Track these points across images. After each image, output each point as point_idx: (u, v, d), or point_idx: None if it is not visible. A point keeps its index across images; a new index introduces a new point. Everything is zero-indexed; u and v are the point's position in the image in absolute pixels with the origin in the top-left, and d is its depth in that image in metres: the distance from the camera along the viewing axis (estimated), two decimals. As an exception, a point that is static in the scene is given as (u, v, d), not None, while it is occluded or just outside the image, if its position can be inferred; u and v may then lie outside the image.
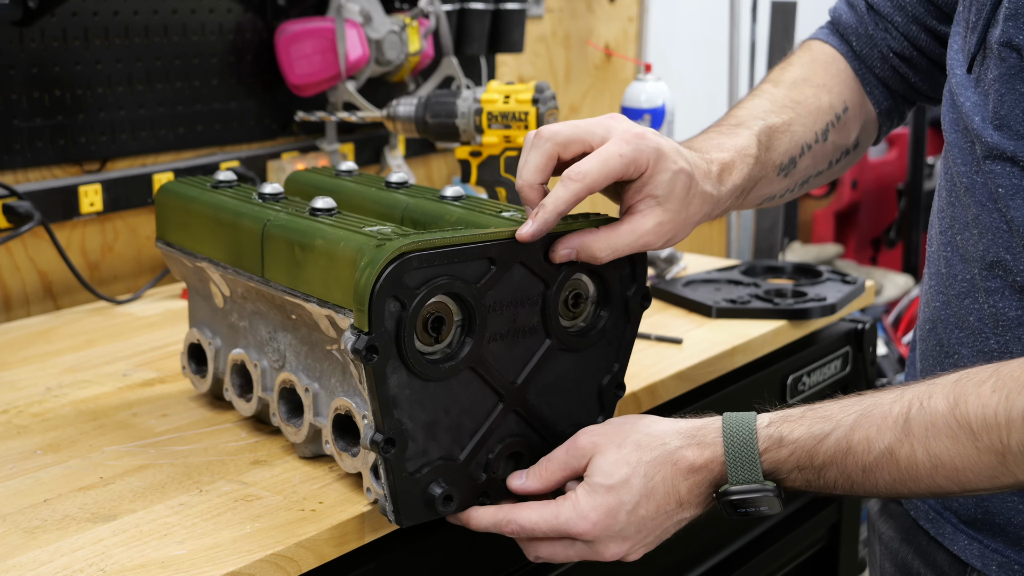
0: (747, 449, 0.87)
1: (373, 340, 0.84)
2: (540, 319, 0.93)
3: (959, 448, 0.81)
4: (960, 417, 0.81)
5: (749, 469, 0.87)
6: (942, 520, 1.03)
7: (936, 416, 0.82)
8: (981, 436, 0.80)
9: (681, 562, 1.32)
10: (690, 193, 0.94)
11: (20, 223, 1.47)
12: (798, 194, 1.15)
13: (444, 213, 1.01)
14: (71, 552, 0.85)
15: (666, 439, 0.89)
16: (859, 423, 0.85)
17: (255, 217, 1.00)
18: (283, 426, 1.02)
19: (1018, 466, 0.80)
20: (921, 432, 0.83)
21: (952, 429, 0.81)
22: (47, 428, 1.10)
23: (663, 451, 0.89)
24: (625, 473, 0.88)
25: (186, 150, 1.69)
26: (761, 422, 0.88)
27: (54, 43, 1.51)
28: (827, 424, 0.86)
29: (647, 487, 0.88)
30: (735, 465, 0.87)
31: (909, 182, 3.24)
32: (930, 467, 0.83)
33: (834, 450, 0.85)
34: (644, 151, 0.91)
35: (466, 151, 1.47)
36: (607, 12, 2.43)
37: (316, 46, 1.69)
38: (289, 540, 0.87)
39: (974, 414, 0.81)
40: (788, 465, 0.87)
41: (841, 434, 0.85)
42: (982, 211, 0.94)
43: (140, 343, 1.37)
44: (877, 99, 1.15)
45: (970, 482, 0.83)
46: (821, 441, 0.86)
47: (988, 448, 0.80)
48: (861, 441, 0.85)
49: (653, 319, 1.44)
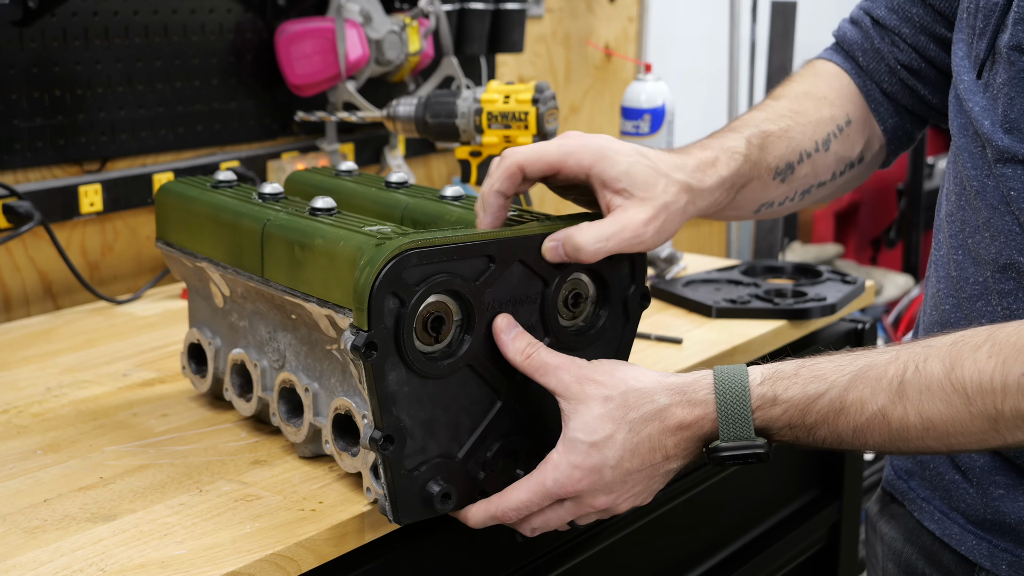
0: (740, 407, 0.87)
1: (372, 336, 0.84)
2: (539, 318, 0.93)
3: (952, 412, 0.81)
4: (956, 381, 0.81)
5: (741, 427, 0.87)
6: (948, 521, 1.02)
7: (931, 379, 0.82)
8: (975, 401, 0.80)
9: (681, 562, 1.32)
10: (659, 181, 0.93)
11: (20, 223, 1.47)
12: (801, 205, 1.15)
13: (444, 213, 1.01)
14: (71, 552, 0.85)
15: (655, 396, 0.88)
16: (853, 384, 0.85)
17: (255, 217, 1.00)
18: (283, 426, 1.02)
19: (1008, 430, 0.81)
20: (915, 395, 0.83)
21: (947, 393, 0.81)
22: (47, 428, 1.10)
23: (651, 408, 0.88)
24: (609, 430, 0.87)
25: (186, 150, 1.69)
26: (754, 379, 0.87)
27: (54, 43, 1.51)
28: (821, 384, 0.86)
29: (632, 442, 0.88)
30: (727, 423, 0.87)
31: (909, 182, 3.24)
32: (921, 429, 0.83)
33: (827, 410, 0.85)
34: (586, 146, 0.93)
35: (466, 151, 1.47)
36: (607, 12, 2.43)
37: (316, 46, 1.69)
38: (289, 540, 0.87)
39: (969, 379, 0.81)
40: (779, 423, 0.87)
41: (835, 395, 0.85)
42: (994, 214, 0.94)
43: (140, 343, 1.37)
44: (883, 116, 1.14)
45: (959, 444, 0.83)
46: (815, 401, 0.85)
47: (981, 413, 0.81)
48: (855, 402, 0.84)
49: (653, 319, 1.45)
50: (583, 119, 2.40)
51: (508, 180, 0.92)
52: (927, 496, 1.05)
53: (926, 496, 1.05)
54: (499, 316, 0.91)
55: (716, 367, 0.89)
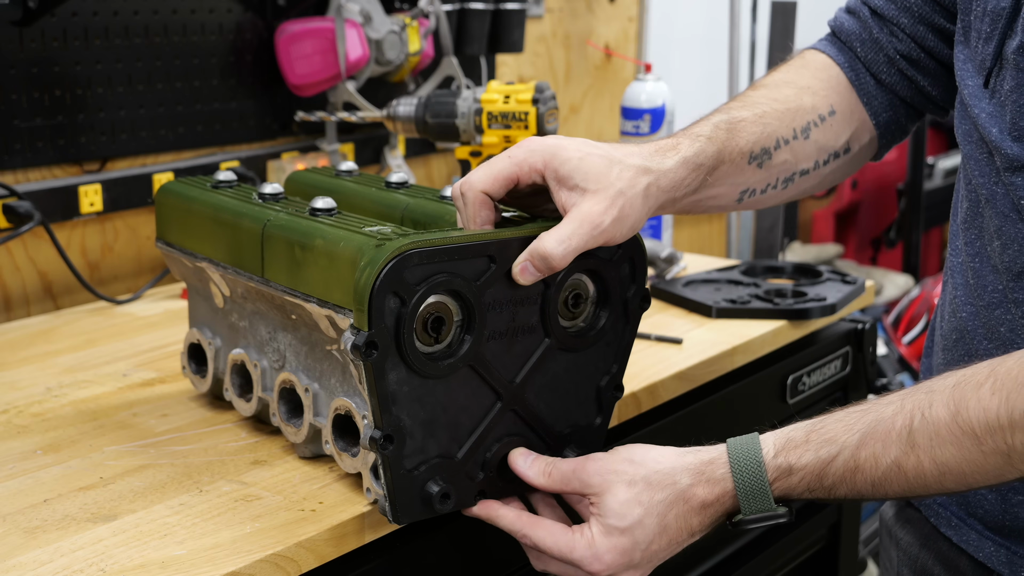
0: (758, 482, 0.89)
1: (372, 337, 0.84)
2: (539, 318, 0.93)
3: (965, 454, 0.82)
4: (963, 424, 0.82)
5: (761, 500, 0.89)
6: (965, 527, 1.02)
7: (939, 425, 0.83)
8: (985, 440, 0.81)
9: (681, 562, 1.32)
10: (611, 169, 0.92)
11: (20, 223, 1.47)
12: (787, 195, 1.14)
13: (444, 213, 1.01)
14: (71, 552, 0.85)
15: (676, 476, 0.90)
16: (864, 442, 0.86)
17: (255, 217, 1.00)
18: (283, 426, 1.02)
19: (1023, 462, 0.81)
20: (926, 443, 0.83)
21: (956, 436, 0.82)
22: (47, 428, 1.10)
23: (674, 490, 0.90)
24: (639, 514, 0.89)
25: (186, 150, 1.69)
26: (767, 453, 0.89)
27: (54, 43, 1.51)
28: (833, 447, 0.87)
29: (660, 525, 0.90)
30: (747, 498, 0.89)
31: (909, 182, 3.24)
32: (938, 475, 0.84)
33: (843, 471, 0.87)
34: (535, 150, 0.92)
35: (466, 151, 1.47)
36: (607, 12, 2.43)
37: (316, 46, 1.69)
38: (289, 540, 0.87)
39: (976, 419, 0.81)
40: (799, 490, 0.89)
41: (848, 455, 0.86)
42: (1005, 222, 0.93)
43: (140, 343, 1.37)
44: (876, 109, 1.13)
45: (977, 483, 0.84)
46: (829, 464, 0.87)
47: (993, 451, 0.81)
48: (868, 459, 0.86)
49: (653, 319, 1.44)
50: (583, 119, 2.40)
51: (484, 211, 0.92)
52: (944, 502, 1.05)
53: (943, 502, 1.05)
54: (513, 452, 0.94)
55: (729, 441, 0.91)
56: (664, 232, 1.77)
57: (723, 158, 1.02)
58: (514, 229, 0.91)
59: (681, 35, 2.62)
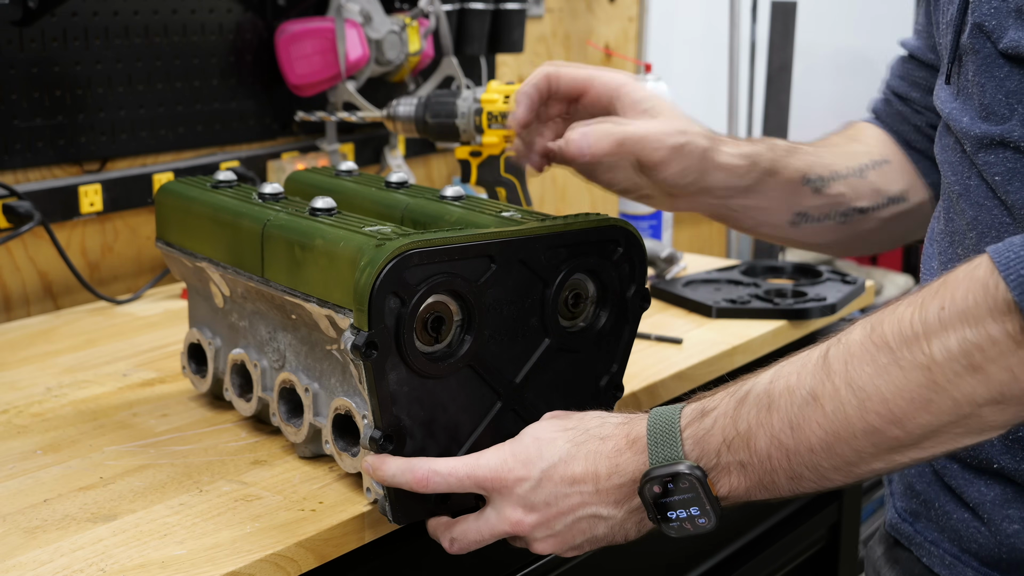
0: (669, 425, 0.82)
1: (372, 337, 0.84)
2: (539, 318, 0.93)
3: (882, 372, 0.74)
4: (877, 339, 0.75)
5: (670, 446, 0.81)
6: (960, 564, 0.93)
7: (853, 345, 0.76)
8: (901, 352, 0.74)
9: (681, 562, 1.32)
10: (683, 116, 0.95)
11: (20, 223, 1.47)
12: (846, 232, 1.12)
13: (444, 213, 1.01)
14: (71, 552, 0.85)
15: (606, 418, 0.87)
16: (778, 373, 0.79)
17: (255, 217, 1.01)
18: (283, 426, 1.02)
19: (949, 381, 0.72)
20: (841, 366, 0.76)
21: (871, 353, 0.75)
22: (47, 428, 1.10)
23: (599, 427, 0.86)
24: (556, 435, 0.86)
25: (186, 150, 1.69)
26: (688, 406, 0.83)
27: (54, 43, 1.51)
28: (746, 384, 0.80)
29: (570, 452, 0.84)
30: (656, 443, 0.81)
31: (909, 182, 3.23)
32: (858, 404, 0.75)
33: (756, 408, 0.79)
34: (612, 73, 0.98)
35: (466, 151, 1.47)
36: (607, 12, 2.43)
37: (316, 46, 1.69)
38: (289, 540, 0.87)
39: (890, 331, 0.74)
40: (713, 440, 0.80)
41: (760, 389, 0.79)
42: (980, 211, 0.90)
43: (140, 343, 1.37)
44: (923, 170, 1.13)
45: (907, 415, 0.74)
46: (742, 401, 0.79)
47: (912, 364, 0.73)
48: (783, 392, 0.78)
49: (653, 319, 1.45)
50: (583, 119, 2.40)
51: (542, 81, 0.96)
52: (935, 539, 0.96)
53: (934, 539, 0.96)
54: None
55: None
56: (664, 232, 1.77)
57: (778, 168, 1.03)
58: (515, 229, 0.91)
59: (681, 35, 2.62)
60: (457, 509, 0.91)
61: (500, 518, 0.86)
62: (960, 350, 0.72)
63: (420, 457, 0.88)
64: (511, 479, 0.85)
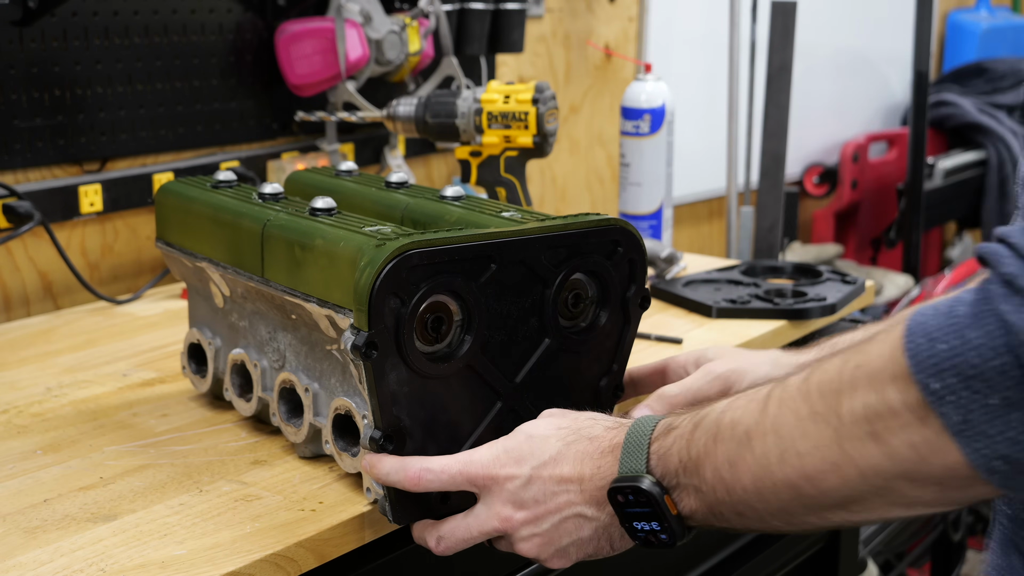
0: (640, 437, 0.80)
1: (372, 337, 0.84)
2: (539, 319, 0.93)
3: (801, 424, 0.71)
4: (805, 387, 0.71)
5: (636, 459, 0.79)
6: None
7: (790, 387, 0.73)
8: (817, 403, 0.70)
9: (681, 562, 1.32)
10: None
11: (20, 223, 1.47)
12: None
13: (444, 213, 1.01)
14: (71, 552, 0.85)
15: (599, 419, 0.86)
16: (732, 403, 0.76)
17: (255, 217, 1.00)
18: (283, 426, 1.02)
19: (853, 446, 0.68)
20: (775, 409, 0.73)
21: (797, 401, 0.71)
22: (47, 428, 1.10)
23: (589, 424, 0.85)
24: (549, 432, 0.85)
25: (186, 150, 1.69)
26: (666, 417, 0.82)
27: (54, 43, 1.51)
28: (707, 407, 0.78)
29: (560, 451, 0.83)
30: (626, 452, 0.80)
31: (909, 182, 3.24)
32: (779, 454, 0.72)
33: (706, 436, 0.76)
34: None
35: (466, 151, 1.47)
36: (607, 12, 2.43)
37: (316, 46, 1.69)
38: (289, 540, 0.87)
39: (817, 379, 0.71)
40: (672, 460, 0.78)
41: (714, 416, 0.77)
42: None
43: (140, 343, 1.37)
44: None
45: (819, 474, 0.70)
46: (697, 426, 0.77)
47: (823, 415, 0.70)
48: (728, 425, 0.75)
49: (653, 319, 1.44)
50: (583, 119, 2.40)
51: None
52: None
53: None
54: None
55: None
56: (664, 232, 1.76)
57: None
58: (515, 230, 0.91)
59: (681, 35, 2.62)
60: (457, 510, 0.91)
61: (489, 514, 0.85)
62: (863, 414, 0.68)
63: (415, 456, 0.88)
64: (502, 475, 0.84)
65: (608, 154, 2.45)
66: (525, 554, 0.86)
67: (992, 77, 3.52)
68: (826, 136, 3.26)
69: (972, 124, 3.43)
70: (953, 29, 3.71)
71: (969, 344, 0.64)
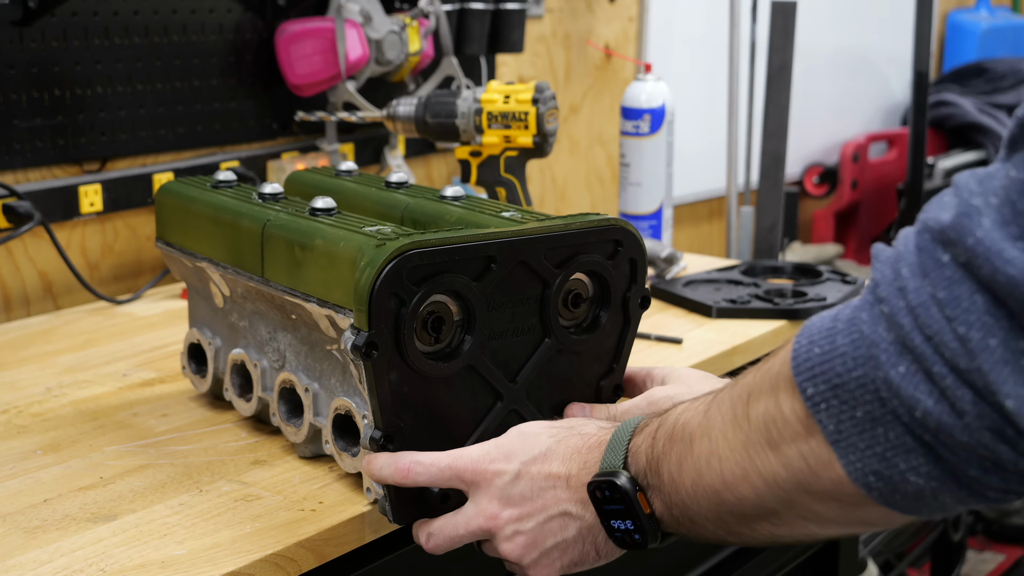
0: (623, 433, 0.79)
1: (372, 337, 0.84)
2: (539, 318, 0.93)
3: (723, 426, 0.70)
4: (735, 388, 0.70)
5: (616, 454, 0.78)
6: None
7: (724, 390, 0.72)
8: (737, 406, 0.69)
9: (681, 562, 1.32)
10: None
11: (20, 223, 1.47)
12: None
13: (444, 213, 1.01)
14: (71, 552, 0.85)
15: (594, 419, 0.86)
16: (690, 405, 0.75)
17: (255, 217, 1.01)
18: (283, 426, 1.02)
19: (756, 452, 0.67)
20: (714, 412, 0.71)
21: (723, 403, 0.70)
22: (47, 428, 1.10)
23: (582, 421, 0.85)
24: (540, 431, 0.84)
25: (186, 150, 1.69)
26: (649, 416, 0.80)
27: (54, 43, 1.51)
28: (675, 407, 0.77)
29: (550, 448, 0.82)
30: (610, 448, 0.79)
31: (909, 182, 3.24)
32: (706, 456, 0.71)
33: (665, 436, 0.75)
34: None
35: (466, 151, 1.47)
36: (607, 12, 2.43)
37: (316, 46, 1.69)
38: (289, 540, 0.87)
39: (742, 382, 0.70)
40: (641, 458, 0.77)
41: (674, 416, 0.76)
42: None
43: (140, 343, 1.37)
44: None
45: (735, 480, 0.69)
46: (661, 424, 0.76)
47: (737, 422, 0.68)
48: (682, 425, 0.74)
49: (653, 319, 1.44)
50: (583, 119, 2.40)
51: None
52: None
53: None
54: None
55: None
56: (664, 232, 1.76)
57: None
58: (515, 230, 0.91)
59: (681, 35, 2.62)
60: (459, 506, 0.91)
61: (477, 511, 0.85)
62: (763, 421, 0.67)
63: (407, 451, 0.87)
64: (491, 471, 0.84)
65: (608, 154, 2.46)
66: (507, 556, 0.85)
67: (992, 77, 3.52)
68: (826, 136, 3.26)
69: (972, 124, 3.43)
70: (953, 29, 3.71)
71: (837, 351, 0.62)
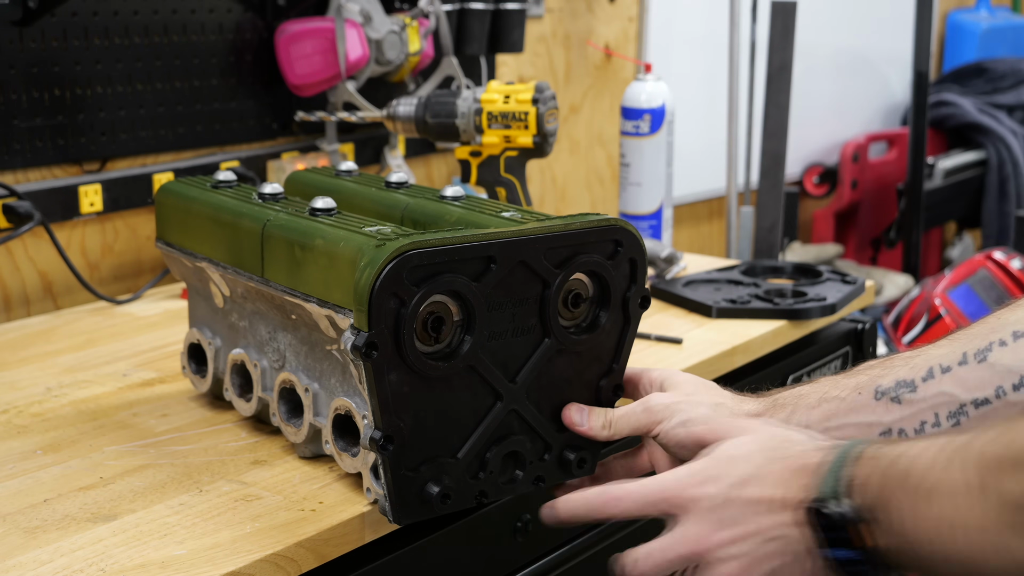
0: (845, 457, 0.74)
1: (372, 337, 0.84)
2: (539, 319, 0.93)
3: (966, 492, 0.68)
4: (979, 445, 0.68)
5: (837, 478, 0.74)
6: None
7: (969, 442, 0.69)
8: (985, 475, 0.67)
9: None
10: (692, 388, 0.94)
11: (20, 223, 1.47)
12: None
13: (444, 213, 1.01)
14: (71, 552, 0.85)
15: (800, 439, 0.80)
16: (925, 446, 0.72)
17: (255, 217, 1.01)
18: (283, 426, 1.02)
19: (1013, 537, 0.65)
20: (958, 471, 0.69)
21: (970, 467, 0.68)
22: (47, 428, 1.10)
23: (795, 446, 0.79)
24: (746, 451, 0.80)
25: (186, 150, 1.69)
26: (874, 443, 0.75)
27: (54, 43, 1.51)
28: (900, 444, 0.73)
29: (760, 468, 0.78)
30: (830, 472, 0.74)
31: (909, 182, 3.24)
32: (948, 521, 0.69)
33: (900, 475, 0.72)
34: None
35: (466, 151, 1.47)
36: (607, 12, 2.43)
37: (316, 46, 1.69)
38: (289, 540, 0.87)
39: (992, 449, 0.68)
40: (866, 491, 0.73)
41: (903, 450, 0.72)
42: None
43: (140, 343, 1.37)
44: None
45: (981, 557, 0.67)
46: (892, 462, 0.73)
47: (982, 491, 0.67)
48: (921, 475, 0.71)
49: (653, 319, 1.44)
50: (583, 119, 2.40)
51: None
52: None
53: None
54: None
55: None
56: (664, 232, 1.77)
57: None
58: (515, 230, 0.91)
59: (681, 35, 2.62)
60: (458, 510, 0.91)
61: (685, 535, 0.80)
62: (1018, 499, 0.65)
63: (591, 489, 0.85)
64: (700, 494, 0.79)
65: (608, 154, 2.46)
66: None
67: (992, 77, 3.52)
68: (826, 136, 3.26)
69: (972, 124, 3.43)
70: (953, 29, 3.71)
71: None
